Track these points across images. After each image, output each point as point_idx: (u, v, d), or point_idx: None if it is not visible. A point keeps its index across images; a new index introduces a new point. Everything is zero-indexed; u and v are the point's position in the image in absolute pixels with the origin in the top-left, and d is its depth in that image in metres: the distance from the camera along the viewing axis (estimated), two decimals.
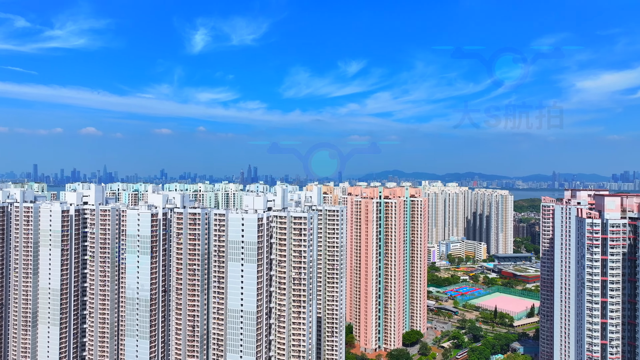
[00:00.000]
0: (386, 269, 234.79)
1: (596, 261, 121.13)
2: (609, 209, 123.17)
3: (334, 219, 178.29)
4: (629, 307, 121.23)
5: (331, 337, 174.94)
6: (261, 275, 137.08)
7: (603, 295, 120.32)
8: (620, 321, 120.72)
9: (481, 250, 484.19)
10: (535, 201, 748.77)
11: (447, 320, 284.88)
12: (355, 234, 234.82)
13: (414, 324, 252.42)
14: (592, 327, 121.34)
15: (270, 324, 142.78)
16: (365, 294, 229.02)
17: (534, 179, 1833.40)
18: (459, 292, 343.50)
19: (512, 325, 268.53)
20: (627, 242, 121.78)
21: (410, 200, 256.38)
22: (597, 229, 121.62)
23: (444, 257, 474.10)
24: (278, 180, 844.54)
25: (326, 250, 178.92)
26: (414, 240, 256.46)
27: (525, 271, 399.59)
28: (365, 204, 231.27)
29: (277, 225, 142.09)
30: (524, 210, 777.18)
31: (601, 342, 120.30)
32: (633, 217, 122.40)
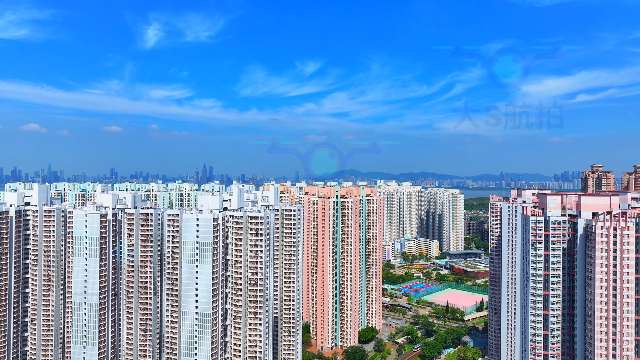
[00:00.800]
0: (342, 268, 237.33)
1: (539, 256, 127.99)
2: (550, 207, 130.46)
3: (291, 218, 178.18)
4: (568, 299, 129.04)
5: (288, 336, 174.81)
6: (217, 276, 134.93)
7: (545, 289, 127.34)
8: (561, 312, 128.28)
9: (434, 247, 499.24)
10: (485, 200, 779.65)
11: (402, 316, 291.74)
12: (312, 233, 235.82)
13: (369, 321, 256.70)
14: (535, 319, 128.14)
15: (226, 326, 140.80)
16: (322, 292, 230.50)
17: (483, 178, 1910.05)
18: (413, 289, 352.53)
19: (463, 320, 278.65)
20: (567, 237, 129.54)
21: (366, 200, 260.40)
22: (540, 226, 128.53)
23: (399, 254, 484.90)
24: (234, 179, 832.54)
25: (283, 250, 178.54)
26: (370, 239, 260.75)
27: (475, 267, 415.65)
28: (322, 203, 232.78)
29: (233, 225, 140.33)
30: (474, 209, 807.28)
31: (543, 333, 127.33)
32: (572, 215, 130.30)
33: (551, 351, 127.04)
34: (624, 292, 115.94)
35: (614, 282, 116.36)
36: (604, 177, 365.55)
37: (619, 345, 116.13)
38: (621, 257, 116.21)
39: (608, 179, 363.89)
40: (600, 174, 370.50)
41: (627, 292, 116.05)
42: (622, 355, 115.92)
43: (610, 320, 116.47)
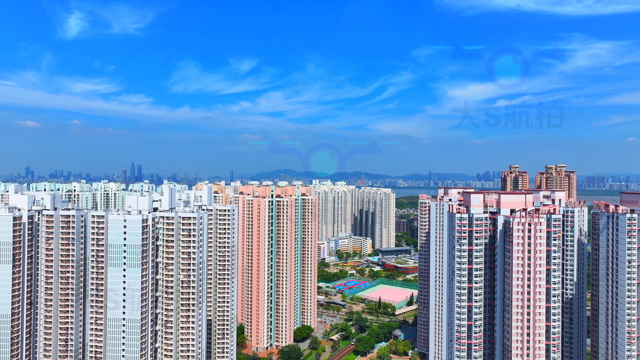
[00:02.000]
0: (278, 267, 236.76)
1: (464, 252, 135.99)
2: (474, 204, 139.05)
3: (225, 218, 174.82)
4: (489, 291, 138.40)
5: (222, 339, 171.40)
6: (146, 280, 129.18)
7: (469, 282, 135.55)
8: (482, 303, 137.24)
9: (367, 245, 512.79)
10: (414, 198, 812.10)
11: (336, 313, 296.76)
12: (247, 234, 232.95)
13: (305, 320, 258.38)
14: (460, 310, 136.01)
15: (157, 331, 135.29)
16: (257, 293, 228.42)
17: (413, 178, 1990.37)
18: (347, 286, 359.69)
19: (394, 314, 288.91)
20: (488, 233, 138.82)
21: (301, 199, 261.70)
22: (465, 223, 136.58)
23: (333, 253, 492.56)
24: (165, 179, 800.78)
25: (217, 251, 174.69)
26: (305, 238, 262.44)
27: (405, 263, 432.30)
28: (258, 203, 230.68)
29: (164, 226, 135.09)
30: (405, 207, 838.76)
31: (467, 323, 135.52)
32: (493, 212, 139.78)
33: (474, 340, 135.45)
34: (536, 282, 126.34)
35: (528, 273, 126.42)
36: (520, 177, 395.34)
37: (532, 331, 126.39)
38: (534, 250, 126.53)
39: (524, 179, 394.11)
40: (517, 173, 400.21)
41: (539, 282, 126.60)
42: (535, 340, 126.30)
43: (525, 309, 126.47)
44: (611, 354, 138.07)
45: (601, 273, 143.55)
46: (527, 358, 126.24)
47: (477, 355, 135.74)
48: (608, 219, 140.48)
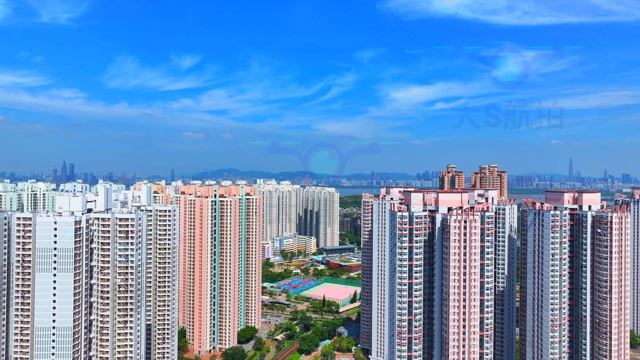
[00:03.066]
0: (221, 268, 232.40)
1: (405, 249, 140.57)
2: (414, 203, 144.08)
3: (166, 219, 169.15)
4: (428, 286, 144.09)
5: (162, 344, 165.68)
6: (79, 285, 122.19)
7: (410, 278, 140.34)
8: (422, 298, 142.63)
9: (311, 244, 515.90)
10: (358, 197, 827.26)
11: (281, 313, 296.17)
12: (189, 234, 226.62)
13: (249, 321, 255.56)
14: (401, 306, 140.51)
15: (91, 339, 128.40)
16: (199, 295, 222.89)
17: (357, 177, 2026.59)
18: (292, 286, 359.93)
19: (338, 312, 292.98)
20: (427, 231, 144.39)
21: (245, 199, 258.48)
22: (405, 221, 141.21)
23: (278, 252, 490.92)
24: (100, 178, 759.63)
25: (157, 253, 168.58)
26: (250, 238, 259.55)
27: (349, 261, 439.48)
28: (200, 203, 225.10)
29: (100, 228, 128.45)
30: (348, 206, 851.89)
31: (408, 318, 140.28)
32: (431, 210, 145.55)
33: (414, 334, 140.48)
34: (472, 276, 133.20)
35: (464, 268, 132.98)
36: (456, 176, 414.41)
37: (467, 323, 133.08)
38: (470, 246, 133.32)
39: (460, 178, 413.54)
40: (454, 173, 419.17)
41: (474, 276, 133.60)
42: (470, 331, 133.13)
43: (461, 302, 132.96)
44: (537, 340, 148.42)
45: (529, 266, 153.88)
46: (463, 349, 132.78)
47: (417, 349, 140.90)
48: (535, 215, 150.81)
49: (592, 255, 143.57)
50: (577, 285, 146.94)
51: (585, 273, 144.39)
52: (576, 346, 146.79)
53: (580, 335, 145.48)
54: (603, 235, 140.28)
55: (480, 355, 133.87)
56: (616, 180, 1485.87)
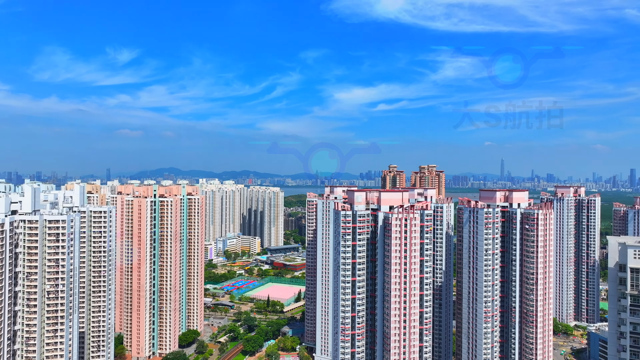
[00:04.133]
0: (161, 271, 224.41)
1: (348, 247, 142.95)
2: (357, 202, 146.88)
3: (101, 221, 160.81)
4: (371, 283, 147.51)
5: (97, 352, 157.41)
6: (1, 293, 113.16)
7: (353, 275, 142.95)
8: (365, 295, 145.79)
9: (256, 244, 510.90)
10: (302, 197, 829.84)
11: (224, 315, 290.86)
12: (127, 236, 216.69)
13: (191, 324, 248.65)
14: (345, 303, 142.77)
15: (15, 351, 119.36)
16: (138, 299, 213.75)
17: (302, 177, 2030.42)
18: (235, 287, 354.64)
19: (283, 312, 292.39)
20: (370, 229, 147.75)
21: (187, 199, 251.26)
22: (349, 219, 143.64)
23: (221, 253, 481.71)
24: (27, 178, 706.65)
25: (91, 256, 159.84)
26: (191, 239, 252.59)
27: (293, 261, 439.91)
28: (139, 203, 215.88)
29: (26, 231, 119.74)
30: (293, 205, 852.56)
31: (351, 315, 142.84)
32: (374, 208, 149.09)
33: (357, 330, 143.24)
34: (412, 272, 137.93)
35: (404, 264, 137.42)
36: (398, 176, 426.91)
37: (408, 317, 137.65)
38: (410, 243, 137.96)
39: (401, 177, 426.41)
40: (395, 173, 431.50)
41: (414, 272, 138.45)
42: (410, 325, 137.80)
43: (402, 297, 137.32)
44: (472, 331, 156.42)
45: (464, 261, 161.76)
46: (404, 343, 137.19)
47: (360, 345, 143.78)
48: (470, 213, 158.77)
49: (521, 250, 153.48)
50: (507, 278, 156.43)
51: (515, 266, 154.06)
52: (507, 335, 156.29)
53: (510, 324, 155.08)
54: (530, 230, 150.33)
55: (420, 348, 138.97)
56: (542, 180, 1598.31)
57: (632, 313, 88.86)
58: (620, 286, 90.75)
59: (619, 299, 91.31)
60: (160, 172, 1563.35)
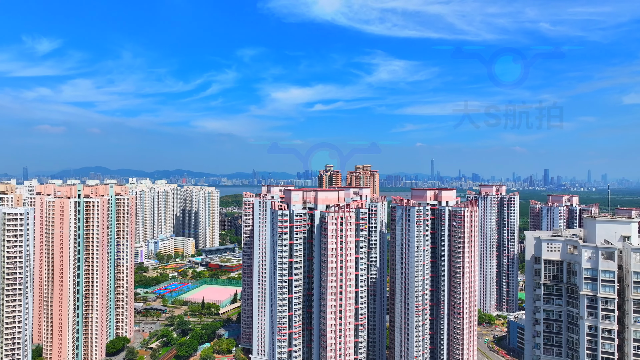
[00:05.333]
0: (87, 276, 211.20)
1: (285, 246, 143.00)
2: (294, 201, 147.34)
3: (16, 223, 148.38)
4: (307, 282, 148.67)
5: None
6: None
7: (290, 274, 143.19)
8: (302, 294, 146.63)
9: (190, 245, 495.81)
10: (239, 196, 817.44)
11: (156, 319, 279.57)
12: (47, 240, 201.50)
13: (119, 331, 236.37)
14: (281, 302, 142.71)
15: None
16: (60, 307, 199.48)
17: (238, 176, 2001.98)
18: (168, 290, 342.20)
19: (219, 314, 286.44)
20: (307, 228, 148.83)
21: (115, 199, 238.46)
22: (286, 219, 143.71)
23: (153, 256, 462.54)
24: None
25: (5, 263, 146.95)
26: (120, 242, 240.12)
27: (229, 261, 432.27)
28: (61, 204, 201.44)
29: None
30: (229, 205, 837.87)
31: (288, 314, 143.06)
32: (311, 207, 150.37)
33: (294, 329, 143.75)
34: (347, 270, 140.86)
35: (340, 262, 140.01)
36: (334, 176, 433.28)
37: (344, 314, 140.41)
38: (346, 241, 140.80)
39: (337, 177, 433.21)
40: (331, 172, 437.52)
41: (350, 269, 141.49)
42: (346, 322, 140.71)
43: (338, 295, 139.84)
44: (404, 325, 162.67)
45: (397, 257, 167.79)
46: (340, 339, 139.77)
47: (297, 343, 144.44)
48: (402, 211, 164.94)
49: (449, 246, 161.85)
50: (437, 273, 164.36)
51: (443, 261, 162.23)
52: (436, 327, 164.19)
53: (439, 317, 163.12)
54: (458, 227, 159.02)
55: (355, 343, 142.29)
56: (468, 179, 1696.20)
57: (545, 301, 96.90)
58: (535, 277, 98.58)
59: (534, 289, 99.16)
60: (85, 171, 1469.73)
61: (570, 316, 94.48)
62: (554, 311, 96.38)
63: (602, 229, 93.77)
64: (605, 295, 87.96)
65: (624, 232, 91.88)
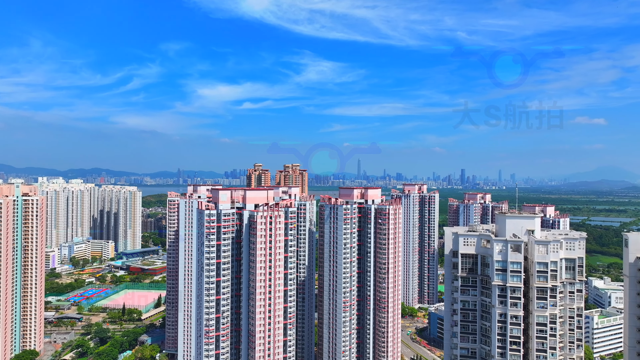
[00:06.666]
0: None
1: (212, 247, 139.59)
2: (222, 201, 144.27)
3: None
4: (236, 282, 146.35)
5: None
6: None
7: (217, 276, 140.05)
8: (230, 295, 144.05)
9: (109, 248, 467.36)
10: (163, 196, 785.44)
11: (71, 329, 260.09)
12: None
13: (26, 344, 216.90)
14: (209, 305, 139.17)
15: None
16: None
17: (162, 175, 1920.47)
18: (84, 297, 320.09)
19: (141, 319, 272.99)
20: (235, 228, 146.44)
21: (22, 200, 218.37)
22: (213, 219, 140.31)
23: (67, 260, 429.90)
24: None
25: None
26: (28, 247, 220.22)
27: (153, 264, 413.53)
28: None
29: None
30: (152, 206, 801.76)
31: (216, 316, 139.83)
32: (239, 207, 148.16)
33: (222, 331, 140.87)
34: (276, 269, 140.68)
35: (269, 262, 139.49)
36: (263, 175, 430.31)
37: (273, 314, 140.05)
38: (275, 240, 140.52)
39: (266, 176, 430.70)
40: (260, 171, 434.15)
41: (279, 269, 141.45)
42: (275, 321, 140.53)
43: (267, 294, 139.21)
44: (332, 321, 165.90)
45: (325, 255, 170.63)
46: (269, 339, 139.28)
47: (225, 345, 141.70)
48: (330, 210, 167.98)
49: (375, 242, 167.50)
50: (363, 269, 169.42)
51: (370, 258, 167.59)
52: (363, 322, 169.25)
53: (366, 312, 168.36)
54: (383, 225, 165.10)
55: (285, 342, 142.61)
56: (392, 178, 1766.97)
57: (462, 292, 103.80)
58: (453, 270, 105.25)
59: (452, 281, 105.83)
60: None
61: (484, 305, 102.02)
62: (470, 301, 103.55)
63: (511, 224, 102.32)
64: (513, 284, 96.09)
65: (529, 227, 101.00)
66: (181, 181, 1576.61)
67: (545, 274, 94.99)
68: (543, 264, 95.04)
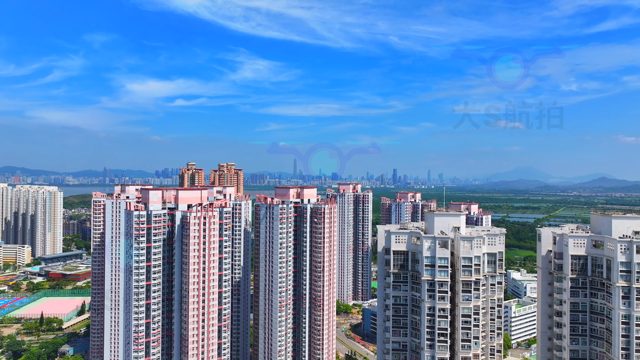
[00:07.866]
0: None
1: (142, 249, 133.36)
2: (152, 201, 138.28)
3: None
4: (168, 286, 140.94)
5: None
6: None
7: (148, 279, 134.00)
8: (161, 299, 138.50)
9: (25, 254, 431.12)
10: (87, 197, 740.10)
11: None
12: None
13: None
14: (138, 310, 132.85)
15: None
16: None
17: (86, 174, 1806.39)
18: None
19: (62, 329, 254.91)
20: (167, 229, 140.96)
21: None
22: (143, 220, 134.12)
23: None
24: None
25: None
26: None
27: (76, 269, 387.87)
28: None
29: None
30: (75, 207, 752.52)
31: (146, 321, 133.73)
32: (171, 208, 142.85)
33: (152, 337, 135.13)
34: (210, 270, 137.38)
35: (203, 263, 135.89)
36: (197, 174, 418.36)
37: (207, 316, 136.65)
38: (209, 241, 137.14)
39: (200, 176, 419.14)
40: (194, 171, 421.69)
41: (213, 270, 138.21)
42: (209, 324, 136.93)
43: (200, 297, 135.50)
44: (267, 321, 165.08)
45: (261, 255, 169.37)
46: (202, 342, 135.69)
47: (156, 352, 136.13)
48: (266, 209, 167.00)
49: (310, 241, 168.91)
50: (299, 268, 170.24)
51: (305, 257, 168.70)
52: (299, 321, 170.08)
53: (302, 311, 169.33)
54: (318, 224, 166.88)
55: (219, 344, 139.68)
56: (328, 178, 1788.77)
57: (394, 288, 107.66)
58: (386, 266, 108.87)
59: (385, 277, 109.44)
60: None
61: (414, 300, 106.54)
62: (401, 296, 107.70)
63: (439, 221, 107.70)
64: (441, 279, 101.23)
65: (455, 224, 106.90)
66: (108, 181, 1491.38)
67: (469, 268, 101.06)
68: (468, 258, 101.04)
